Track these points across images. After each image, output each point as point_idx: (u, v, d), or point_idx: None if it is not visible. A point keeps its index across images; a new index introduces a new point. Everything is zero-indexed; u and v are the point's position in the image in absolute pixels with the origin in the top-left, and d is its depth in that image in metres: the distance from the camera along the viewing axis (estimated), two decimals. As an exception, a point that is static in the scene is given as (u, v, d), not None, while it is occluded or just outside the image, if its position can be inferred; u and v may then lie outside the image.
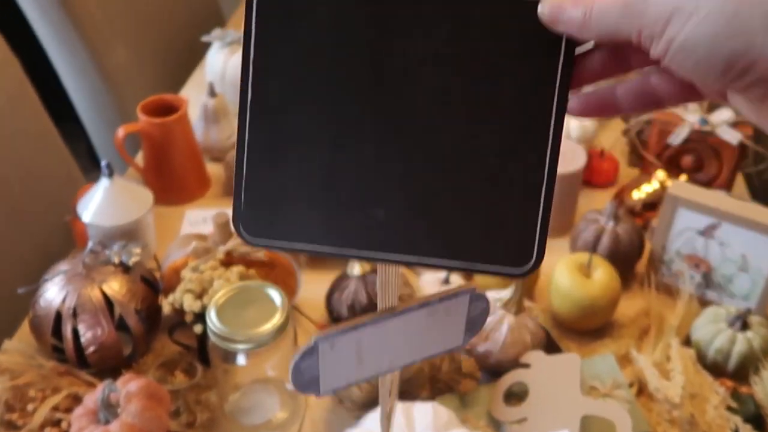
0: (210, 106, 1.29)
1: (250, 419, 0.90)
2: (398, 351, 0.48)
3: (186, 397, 0.90)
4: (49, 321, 0.91)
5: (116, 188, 1.04)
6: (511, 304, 0.92)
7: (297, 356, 0.46)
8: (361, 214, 0.42)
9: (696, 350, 0.92)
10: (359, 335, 0.46)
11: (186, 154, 1.23)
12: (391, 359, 0.48)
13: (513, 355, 0.90)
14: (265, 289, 0.85)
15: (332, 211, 0.42)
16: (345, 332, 0.45)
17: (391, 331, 0.47)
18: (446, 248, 0.42)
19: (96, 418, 0.80)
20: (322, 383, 0.47)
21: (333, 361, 0.46)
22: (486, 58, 0.40)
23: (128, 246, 0.96)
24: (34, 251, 1.20)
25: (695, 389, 0.87)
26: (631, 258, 1.05)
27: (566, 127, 1.23)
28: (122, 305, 0.91)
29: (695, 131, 1.16)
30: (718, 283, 1.02)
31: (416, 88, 0.41)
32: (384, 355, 0.48)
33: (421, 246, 0.42)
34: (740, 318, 0.92)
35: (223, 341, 0.81)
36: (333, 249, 0.42)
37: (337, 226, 0.42)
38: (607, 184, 1.27)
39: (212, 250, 0.95)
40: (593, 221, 1.06)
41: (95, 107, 1.61)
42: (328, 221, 0.42)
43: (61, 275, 0.92)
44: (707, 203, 0.98)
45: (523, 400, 0.86)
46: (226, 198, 1.27)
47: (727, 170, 1.17)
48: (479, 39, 0.40)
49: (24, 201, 1.22)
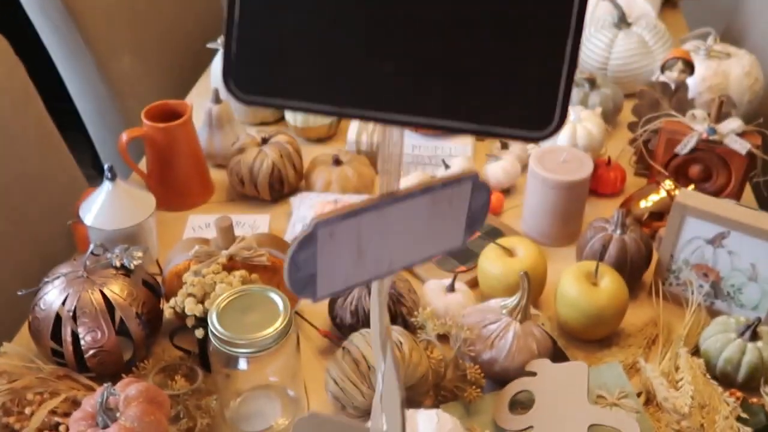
0: (214, 113, 1.29)
1: (250, 426, 0.89)
2: (399, 246, 0.43)
3: (186, 403, 0.88)
4: (48, 324, 0.90)
5: (118, 192, 1.03)
6: (516, 311, 0.91)
7: (294, 246, 0.40)
8: (366, 67, 0.36)
9: (705, 360, 0.91)
10: (360, 222, 0.41)
11: (190, 160, 1.22)
12: (391, 256, 0.43)
13: (519, 362, 0.89)
14: (268, 294, 0.84)
15: (334, 64, 0.36)
16: (346, 217, 0.41)
17: (392, 220, 0.41)
18: (462, 108, 0.37)
19: (94, 422, 0.78)
20: (319, 283, 0.42)
21: (332, 253, 0.41)
22: None
23: (130, 249, 0.95)
24: (36, 256, 1.19)
25: (704, 399, 0.86)
26: (639, 267, 1.04)
27: (573, 135, 1.22)
28: (123, 309, 0.90)
29: (703, 140, 1.15)
30: (726, 292, 1.00)
31: None
32: (384, 250, 0.42)
33: (433, 105, 0.37)
34: (750, 327, 0.90)
35: (224, 345, 0.80)
36: (333, 108, 0.37)
37: (340, 81, 0.36)
38: (614, 193, 1.26)
39: (215, 254, 0.94)
40: (600, 229, 1.04)
41: (100, 114, 1.61)
42: (329, 75, 0.36)
43: (61, 277, 0.91)
44: (716, 212, 0.96)
45: (529, 408, 0.84)
46: (231, 204, 1.26)
47: (735, 180, 1.16)
48: None
49: (26, 206, 1.21)
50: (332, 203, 1.13)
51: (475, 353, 0.90)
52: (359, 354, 0.84)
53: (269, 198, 1.24)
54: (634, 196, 1.18)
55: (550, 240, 1.15)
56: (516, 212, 1.22)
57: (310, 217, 1.11)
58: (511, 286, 0.97)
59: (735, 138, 1.13)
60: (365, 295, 0.94)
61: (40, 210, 1.23)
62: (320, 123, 1.38)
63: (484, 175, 1.26)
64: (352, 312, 0.94)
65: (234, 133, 1.31)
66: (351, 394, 0.83)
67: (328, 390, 0.85)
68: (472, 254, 1.10)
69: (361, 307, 0.93)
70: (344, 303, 0.95)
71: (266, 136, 1.24)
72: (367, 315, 0.93)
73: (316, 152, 1.29)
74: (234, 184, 1.24)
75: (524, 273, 0.90)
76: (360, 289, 0.94)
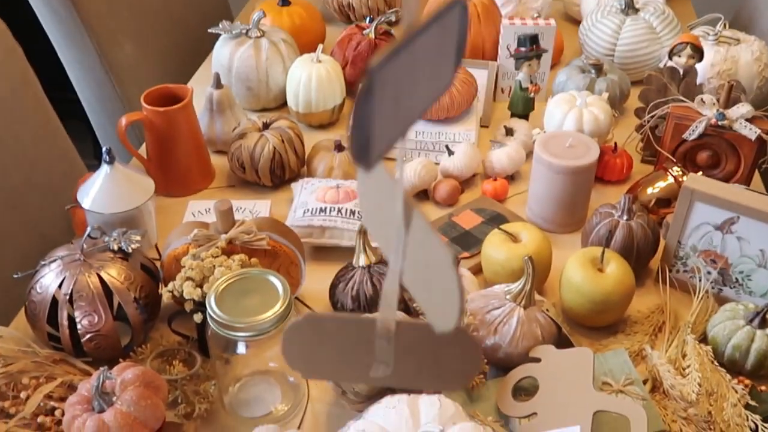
0: (215, 97, 1.27)
1: (250, 411, 0.87)
2: (416, 91, 0.39)
3: (184, 388, 0.87)
4: (44, 307, 0.88)
5: (117, 175, 1.01)
6: (521, 296, 0.89)
7: (359, 98, 0.35)
8: None
9: (712, 347, 0.89)
10: (399, 62, 0.36)
11: (190, 145, 1.21)
12: (413, 103, 0.39)
13: (523, 348, 0.87)
14: (267, 277, 0.83)
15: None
16: (391, 57, 0.35)
17: (415, 57, 0.37)
18: None
19: (90, 407, 0.77)
20: (373, 143, 0.37)
21: (384, 100, 0.36)
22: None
23: (128, 233, 0.93)
24: (35, 241, 1.18)
25: (712, 387, 0.84)
26: (646, 253, 1.02)
27: (579, 120, 1.20)
28: (120, 293, 0.89)
29: (712, 126, 1.12)
30: (735, 279, 0.98)
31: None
32: (410, 96, 0.38)
33: None
34: (759, 314, 0.88)
35: (222, 329, 0.79)
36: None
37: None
38: (620, 180, 1.24)
39: (214, 238, 0.92)
40: (607, 215, 1.03)
41: (100, 101, 1.59)
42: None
43: (58, 261, 0.90)
44: (725, 196, 0.94)
45: (533, 395, 0.83)
46: (231, 190, 1.25)
47: (745, 166, 1.14)
48: None
49: (24, 191, 1.20)
50: (334, 189, 1.11)
51: (479, 339, 0.88)
52: (360, 339, 0.82)
53: (270, 184, 1.22)
54: (641, 183, 1.16)
55: (555, 227, 1.13)
56: (521, 199, 1.21)
57: (311, 203, 1.09)
58: (515, 272, 0.95)
59: (744, 123, 1.11)
60: (366, 280, 0.92)
61: (39, 195, 1.22)
62: (323, 109, 1.36)
63: (488, 162, 1.24)
64: (353, 297, 0.92)
65: (235, 118, 1.29)
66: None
67: (328, 375, 0.84)
68: (476, 240, 1.08)
69: (362, 292, 0.92)
70: (345, 288, 0.93)
71: (267, 121, 1.23)
72: (368, 300, 0.92)
73: (318, 138, 1.27)
74: (235, 169, 1.22)
75: (528, 258, 0.88)
76: (360, 274, 0.93)
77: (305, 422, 0.87)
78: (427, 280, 0.41)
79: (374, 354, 0.46)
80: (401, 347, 0.45)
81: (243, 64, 1.39)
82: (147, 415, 0.76)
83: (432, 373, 0.48)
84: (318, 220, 1.07)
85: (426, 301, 0.43)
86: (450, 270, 0.39)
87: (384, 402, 0.73)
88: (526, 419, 0.81)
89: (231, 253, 0.91)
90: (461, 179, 1.23)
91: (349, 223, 1.07)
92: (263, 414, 0.87)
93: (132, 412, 0.75)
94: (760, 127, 1.10)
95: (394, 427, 0.69)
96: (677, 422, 0.83)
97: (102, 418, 0.75)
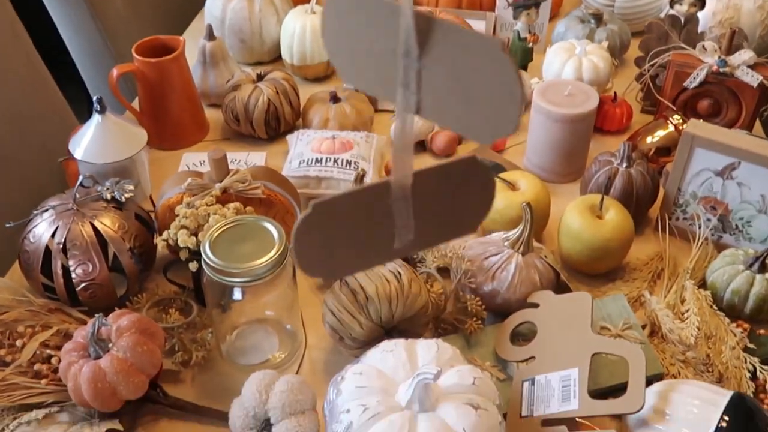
0: (208, 49, 1.25)
1: (247, 359, 0.87)
2: None
3: (181, 336, 0.86)
4: (38, 257, 0.87)
5: (109, 125, 1.00)
6: (519, 243, 0.88)
7: None
8: None
9: (711, 292, 0.89)
10: None
11: (183, 97, 1.19)
12: None
13: (521, 294, 0.86)
14: (262, 223, 0.82)
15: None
16: None
17: None
18: None
19: (86, 353, 0.76)
20: None
21: None
22: None
23: (121, 182, 0.92)
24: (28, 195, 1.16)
25: (710, 331, 0.83)
26: (645, 201, 1.01)
27: (578, 68, 1.19)
28: (115, 242, 0.88)
29: (713, 73, 1.11)
30: (735, 226, 0.97)
31: None
32: None
33: None
34: (759, 259, 0.88)
35: (218, 275, 0.78)
36: None
37: None
38: (620, 130, 1.23)
39: (208, 187, 0.91)
40: (606, 163, 1.01)
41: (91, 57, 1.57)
42: None
43: (50, 210, 0.89)
44: (726, 142, 0.93)
45: (531, 340, 0.82)
46: (226, 143, 1.23)
47: (746, 114, 1.12)
48: None
49: (16, 144, 1.18)
50: (330, 139, 1.10)
51: (476, 285, 0.87)
52: (357, 285, 0.81)
53: (265, 136, 1.21)
54: (641, 132, 1.15)
55: (553, 176, 1.12)
56: (519, 149, 1.19)
57: (307, 154, 1.08)
58: (514, 220, 0.94)
59: (746, 70, 1.09)
60: (363, 227, 0.91)
61: (31, 150, 1.20)
62: (318, 60, 1.34)
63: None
64: (349, 245, 0.91)
65: (229, 71, 1.27)
66: (349, 325, 0.81)
67: (326, 322, 0.83)
68: (474, 190, 1.07)
69: (359, 240, 0.91)
70: (342, 236, 0.92)
71: (262, 73, 1.21)
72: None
73: (313, 91, 1.25)
74: (229, 121, 1.21)
75: (527, 204, 0.87)
76: (358, 222, 0.92)
77: (303, 369, 0.86)
78: (470, 89, 0.37)
79: (393, 223, 0.43)
80: (418, 204, 0.43)
81: (236, 15, 1.36)
82: (143, 361, 0.76)
83: (450, 220, 0.45)
84: (314, 170, 1.06)
85: (469, 116, 0.38)
86: (503, 58, 0.35)
87: (381, 346, 0.72)
88: (524, 363, 0.81)
89: (226, 202, 0.90)
90: (459, 130, 1.21)
91: (345, 173, 1.05)
92: (261, 362, 0.86)
93: (128, 357, 0.75)
94: (762, 74, 1.08)
95: (391, 370, 0.69)
96: (675, 365, 0.82)
97: (98, 364, 0.74)
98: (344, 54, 0.42)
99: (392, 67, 0.38)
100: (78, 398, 0.75)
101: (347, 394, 0.67)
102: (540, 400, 0.75)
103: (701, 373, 0.81)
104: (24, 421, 0.76)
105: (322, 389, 0.73)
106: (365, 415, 0.64)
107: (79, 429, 0.75)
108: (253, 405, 0.72)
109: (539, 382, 0.77)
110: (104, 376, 0.74)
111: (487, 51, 0.35)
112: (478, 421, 0.64)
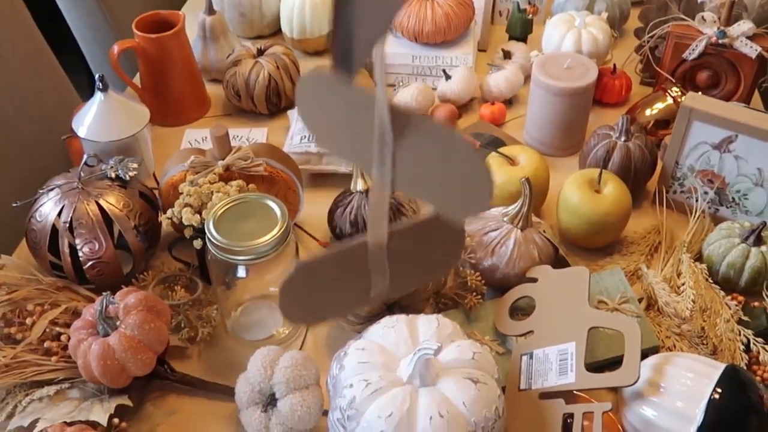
0: (208, 24, 1.25)
1: (252, 335, 0.89)
2: None
3: (187, 313, 0.88)
4: (45, 236, 0.89)
5: (111, 103, 1.00)
6: (518, 218, 0.89)
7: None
8: None
9: (707, 265, 0.90)
10: None
11: (184, 73, 1.19)
12: None
13: (520, 269, 0.88)
14: (265, 201, 0.83)
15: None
16: None
17: None
18: None
19: (95, 331, 0.78)
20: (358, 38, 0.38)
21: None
22: None
23: (125, 160, 0.93)
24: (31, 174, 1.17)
25: (706, 303, 0.85)
26: (643, 174, 1.02)
27: (577, 41, 1.19)
28: (120, 220, 0.89)
29: (712, 44, 1.11)
30: (732, 198, 0.98)
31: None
32: None
33: None
34: (755, 232, 0.89)
35: (222, 253, 0.79)
36: None
37: None
38: (619, 102, 1.23)
39: (211, 165, 0.92)
40: (605, 136, 1.02)
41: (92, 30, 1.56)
42: None
43: (56, 189, 0.90)
44: (723, 115, 0.94)
45: (529, 314, 0.84)
46: (227, 119, 1.24)
47: (745, 86, 1.12)
48: None
49: (18, 123, 1.18)
50: (330, 115, 1.10)
51: (476, 260, 0.89)
52: (358, 262, 0.83)
53: (266, 111, 1.21)
54: (640, 104, 1.15)
55: (553, 150, 1.13)
56: (518, 123, 1.20)
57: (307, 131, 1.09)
58: (513, 195, 0.95)
59: (745, 41, 1.09)
60: (364, 204, 0.92)
61: (33, 127, 1.21)
62: (318, 34, 1.34)
63: (486, 86, 1.23)
64: (351, 222, 0.93)
65: (229, 45, 1.27)
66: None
67: (328, 298, 0.85)
68: (474, 165, 1.08)
69: (361, 217, 0.92)
70: (343, 213, 0.93)
71: (262, 48, 1.21)
72: (366, 224, 0.92)
73: (314, 65, 1.26)
74: (230, 97, 1.21)
75: (526, 179, 0.88)
76: (359, 199, 0.93)
77: (306, 344, 0.88)
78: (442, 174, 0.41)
79: (369, 276, 0.47)
80: (393, 258, 0.46)
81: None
82: (151, 338, 0.78)
83: (423, 269, 0.49)
84: (315, 146, 1.07)
85: (443, 196, 0.42)
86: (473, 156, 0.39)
87: (383, 322, 0.74)
88: (523, 337, 0.83)
89: (228, 179, 0.91)
90: (459, 104, 1.22)
91: (346, 149, 1.06)
92: (265, 337, 0.88)
93: (136, 335, 0.77)
94: (761, 45, 1.09)
95: (392, 346, 0.71)
96: (671, 338, 0.84)
97: (107, 341, 0.76)
98: (322, 128, 0.45)
99: (368, 144, 0.41)
100: (88, 375, 0.77)
101: (350, 369, 0.69)
102: (538, 374, 0.77)
103: (696, 346, 0.83)
104: (36, 397, 0.78)
105: (326, 364, 0.75)
106: (368, 389, 0.66)
107: (90, 405, 0.77)
108: (258, 380, 0.74)
109: (537, 356, 0.79)
110: (113, 354, 0.76)
111: (459, 147, 0.38)
112: (477, 395, 0.66)
